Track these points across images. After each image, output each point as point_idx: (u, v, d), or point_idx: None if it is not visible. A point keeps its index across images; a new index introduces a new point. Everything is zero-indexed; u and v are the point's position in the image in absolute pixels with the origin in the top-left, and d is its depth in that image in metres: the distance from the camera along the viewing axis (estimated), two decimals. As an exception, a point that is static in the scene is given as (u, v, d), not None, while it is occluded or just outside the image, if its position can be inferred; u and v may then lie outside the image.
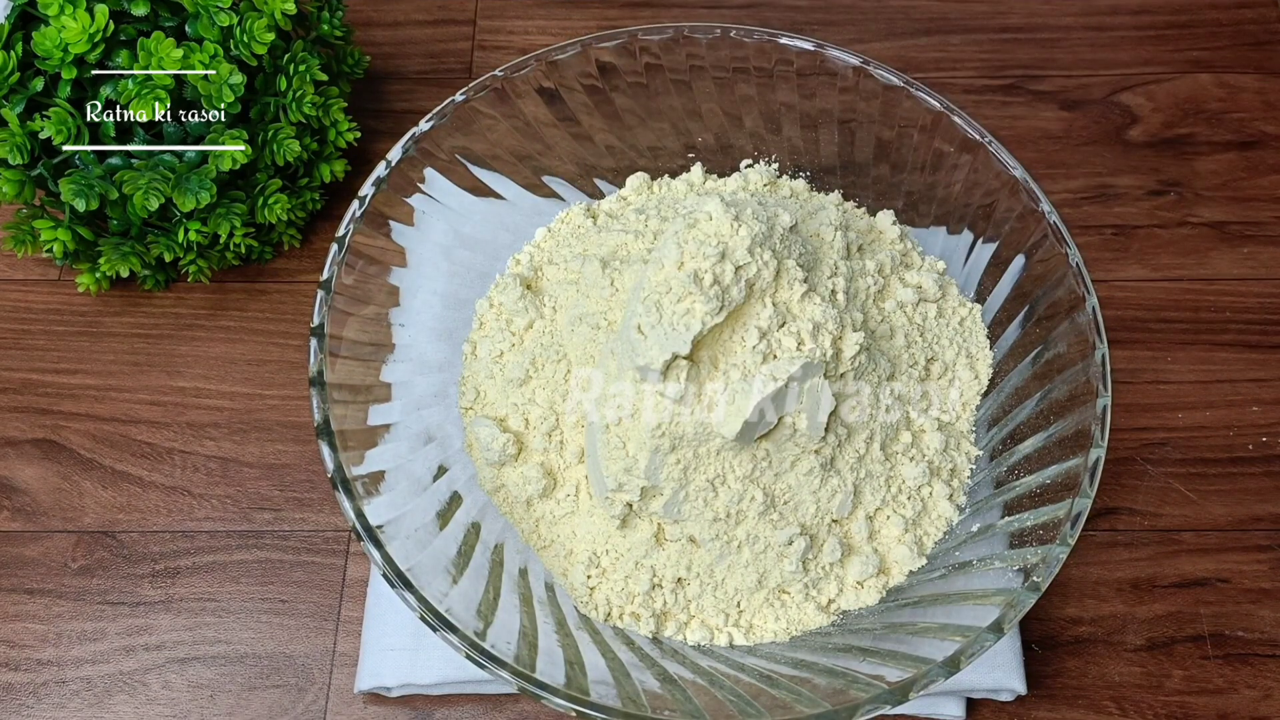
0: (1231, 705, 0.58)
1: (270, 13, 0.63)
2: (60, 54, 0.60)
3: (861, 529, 0.54)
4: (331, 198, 0.72)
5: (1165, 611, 0.61)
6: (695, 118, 0.66)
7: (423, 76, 0.79)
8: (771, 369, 0.50)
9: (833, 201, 0.64)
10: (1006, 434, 0.57)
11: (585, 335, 0.55)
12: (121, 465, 0.64)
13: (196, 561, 0.62)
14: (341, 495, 0.50)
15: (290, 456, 0.65)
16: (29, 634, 0.60)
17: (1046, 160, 0.75)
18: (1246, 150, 0.76)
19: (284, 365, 0.68)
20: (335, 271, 0.55)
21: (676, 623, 0.54)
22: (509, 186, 0.64)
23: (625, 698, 0.48)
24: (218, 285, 0.70)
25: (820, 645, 0.53)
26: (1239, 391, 0.67)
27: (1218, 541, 0.62)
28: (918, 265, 0.61)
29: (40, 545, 0.62)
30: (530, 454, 0.56)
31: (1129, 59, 0.79)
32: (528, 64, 0.62)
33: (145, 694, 0.58)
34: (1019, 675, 0.56)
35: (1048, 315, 0.57)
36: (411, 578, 0.49)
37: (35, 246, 0.65)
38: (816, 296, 0.52)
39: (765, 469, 0.52)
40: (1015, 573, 0.50)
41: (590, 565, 0.54)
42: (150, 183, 0.61)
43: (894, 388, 0.56)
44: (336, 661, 0.59)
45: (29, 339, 0.68)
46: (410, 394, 0.58)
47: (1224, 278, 0.71)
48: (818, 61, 0.62)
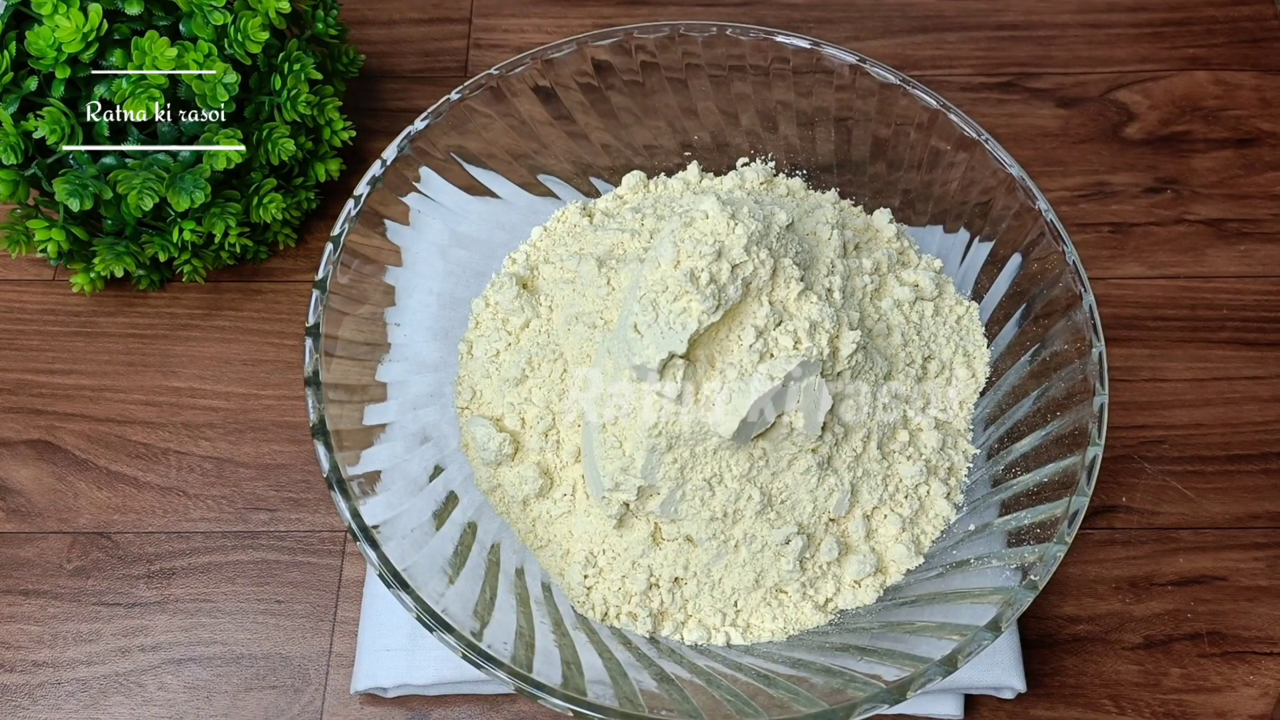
0: (1229, 703, 0.58)
1: (265, 11, 0.63)
2: (54, 53, 0.60)
3: (859, 528, 0.54)
4: (327, 197, 0.72)
5: (1163, 609, 0.61)
6: (691, 116, 0.66)
7: (418, 75, 0.79)
8: (768, 368, 0.50)
9: (829, 200, 0.64)
10: (1004, 432, 0.57)
11: (581, 334, 0.55)
12: (116, 466, 0.64)
13: (192, 562, 0.62)
14: (337, 495, 0.50)
15: (286, 456, 0.65)
16: (24, 635, 0.59)
17: (1043, 158, 0.75)
18: (1243, 148, 0.76)
19: (279, 365, 0.67)
20: (330, 271, 0.55)
21: (673, 622, 0.54)
22: (505, 185, 0.64)
23: (622, 697, 0.48)
24: (213, 285, 0.70)
25: (818, 644, 0.53)
26: (1236, 389, 0.67)
27: (1215, 539, 0.62)
28: (914, 264, 0.61)
29: (35, 546, 0.62)
30: (527, 453, 0.56)
31: (1126, 56, 0.79)
32: (523, 62, 0.62)
33: (141, 695, 0.58)
34: (1018, 673, 0.56)
35: (1045, 313, 0.57)
36: (408, 578, 0.49)
37: (29, 246, 0.65)
38: (813, 295, 0.52)
39: (762, 468, 0.52)
40: (1013, 571, 0.50)
41: (587, 565, 0.54)
42: (145, 182, 0.61)
43: (891, 386, 0.56)
44: (333, 662, 0.59)
45: (23, 339, 0.68)
46: (406, 394, 0.58)
47: (1221, 275, 0.71)
48: (814, 59, 0.62)
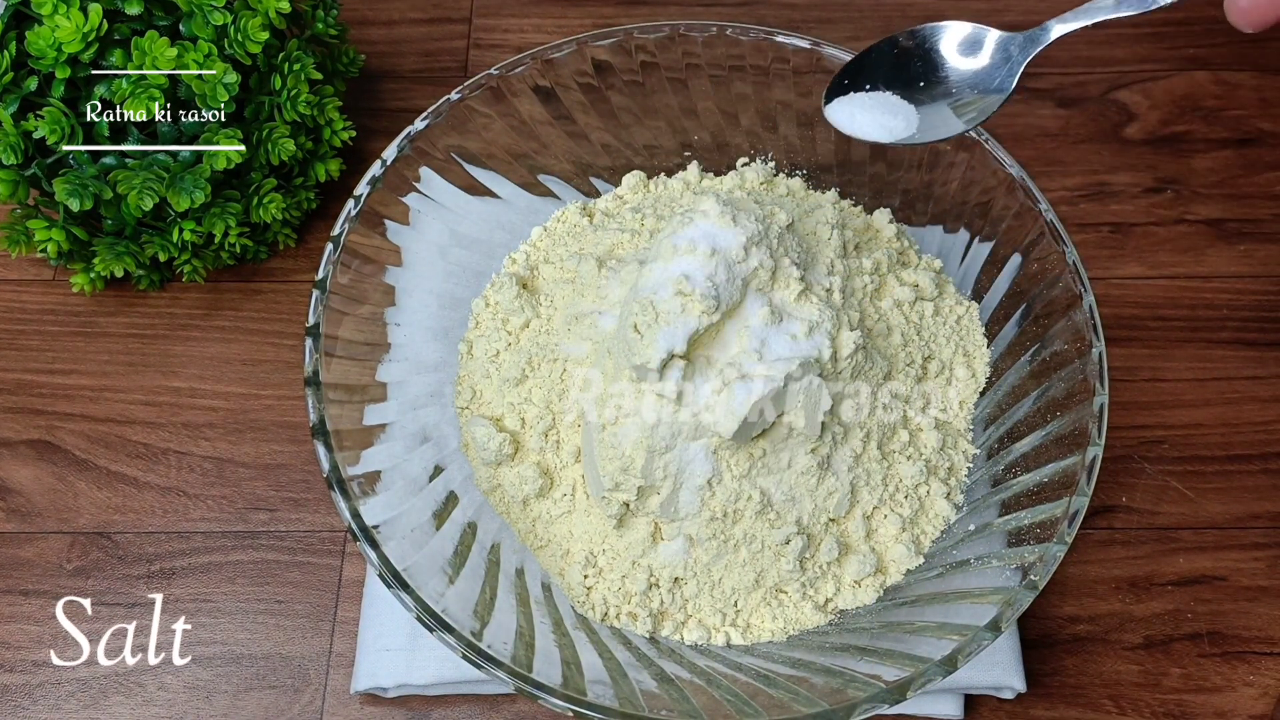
0: (1229, 703, 0.58)
1: (265, 11, 0.63)
2: (54, 53, 0.60)
3: (859, 528, 0.54)
4: (326, 197, 0.72)
5: (1163, 609, 0.61)
6: (691, 116, 0.66)
7: (418, 75, 0.79)
8: (768, 368, 0.50)
9: (829, 200, 0.64)
10: (1004, 432, 0.57)
11: (581, 334, 0.55)
12: (117, 466, 0.64)
13: (192, 562, 0.62)
14: (337, 495, 0.50)
15: (286, 456, 0.65)
16: (24, 635, 0.59)
17: (1043, 158, 0.75)
18: (1243, 148, 0.76)
19: (279, 365, 0.67)
20: (330, 271, 0.55)
21: (673, 622, 0.54)
22: (505, 185, 0.64)
23: (622, 698, 0.48)
24: (212, 285, 0.70)
25: (817, 644, 0.53)
26: (1236, 389, 0.67)
27: (1215, 539, 0.62)
28: (914, 264, 0.61)
29: (35, 546, 0.62)
30: (527, 453, 0.56)
31: (1126, 56, 0.79)
32: (523, 62, 0.62)
33: (141, 695, 0.58)
34: (1018, 673, 0.56)
35: (1045, 313, 0.57)
36: (408, 578, 0.49)
37: (29, 246, 0.65)
38: (813, 295, 0.52)
39: (762, 468, 0.52)
40: (1013, 571, 0.50)
41: (587, 565, 0.54)
42: (145, 182, 0.61)
43: (891, 386, 0.56)
44: (333, 662, 0.59)
45: (23, 339, 0.68)
46: (406, 394, 0.58)
47: (1221, 275, 0.71)
48: (814, 59, 0.62)
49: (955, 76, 0.53)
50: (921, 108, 0.53)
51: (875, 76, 0.54)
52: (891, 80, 0.54)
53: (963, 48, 0.53)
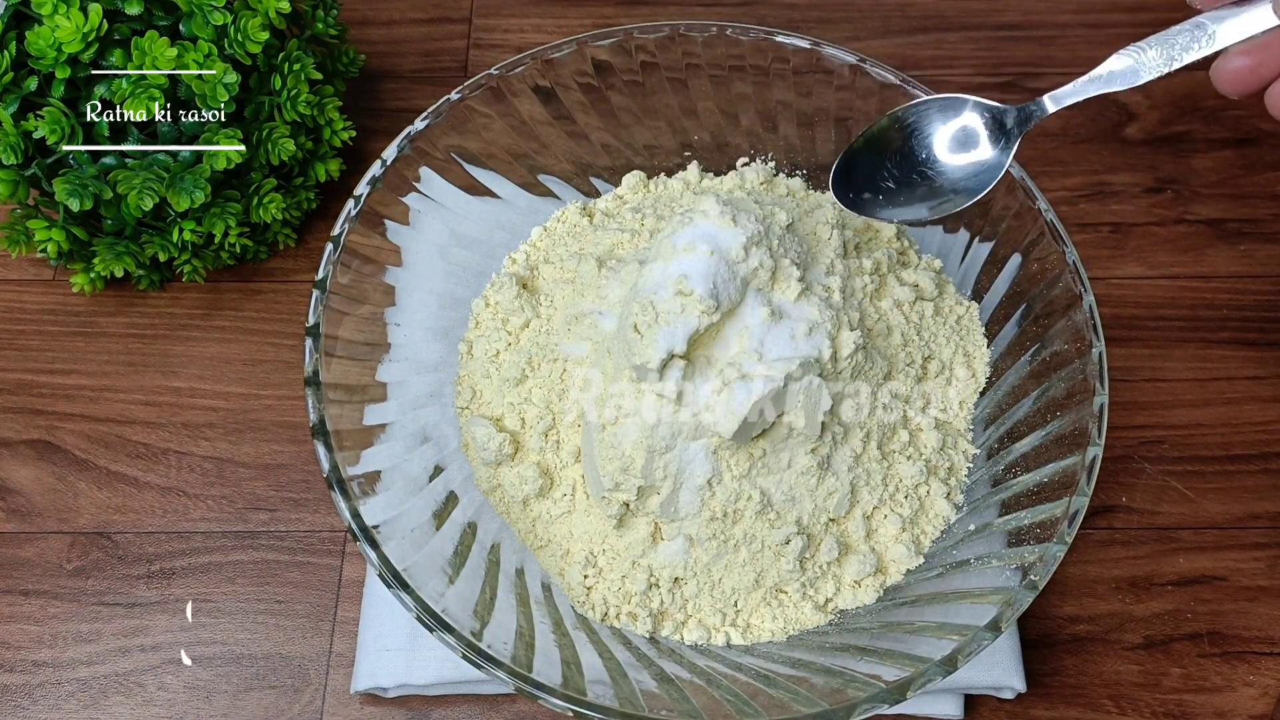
0: (1229, 703, 0.58)
1: (265, 11, 0.63)
2: (54, 53, 0.60)
3: (859, 528, 0.54)
4: (326, 197, 0.72)
5: (1163, 609, 0.61)
6: (691, 116, 0.66)
7: (418, 75, 0.79)
8: (768, 368, 0.50)
9: (829, 200, 0.63)
10: (1004, 432, 0.57)
11: (581, 334, 0.55)
12: (116, 466, 0.64)
13: (192, 562, 0.61)
14: (337, 495, 0.50)
15: (286, 456, 0.65)
16: (24, 635, 0.59)
17: (1043, 158, 0.75)
18: (1243, 147, 0.76)
19: (279, 365, 0.67)
20: (330, 271, 0.55)
21: (673, 622, 0.54)
22: (505, 185, 0.64)
23: (622, 698, 0.48)
24: (212, 285, 0.70)
25: (818, 644, 0.53)
26: (1236, 389, 0.67)
27: (1215, 539, 0.62)
28: (914, 264, 0.61)
29: (35, 546, 0.62)
30: (527, 453, 0.56)
31: (1125, 56, 0.79)
32: (523, 62, 0.62)
33: (141, 695, 0.58)
34: (1018, 673, 0.56)
35: (1045, 313, 0.57)
36: (408, 578, 0.49)
37: (29, 246, 0.65)
38: (813, 295, 0.52)
39: (762, 468, 0.52)
40: (1013, 571, 0.50)
41: (587, 565, 0.54)
42: (145, 182, 0.61)
43: (891, 386, 0.56)
44: (333, 662, 0.59)
45: (23, 339, 0.68)
46: (406, 393, 0.58)
47: (1221, 275, 0.71)
48: (814, 59, 0.62)
49: (947, 176, 0.54)
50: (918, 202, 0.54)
51: (873, 174, 0.55)
52: (886, 178, 0.55)
53: (954, 144, 0.53)
